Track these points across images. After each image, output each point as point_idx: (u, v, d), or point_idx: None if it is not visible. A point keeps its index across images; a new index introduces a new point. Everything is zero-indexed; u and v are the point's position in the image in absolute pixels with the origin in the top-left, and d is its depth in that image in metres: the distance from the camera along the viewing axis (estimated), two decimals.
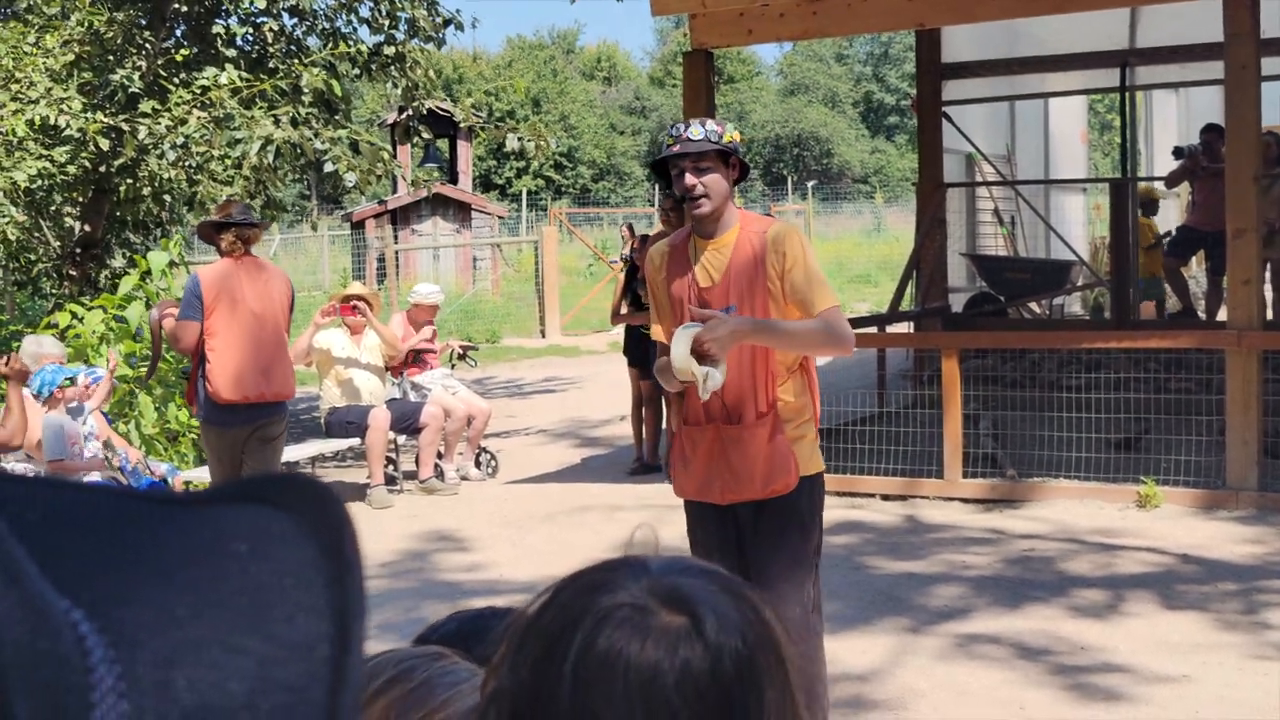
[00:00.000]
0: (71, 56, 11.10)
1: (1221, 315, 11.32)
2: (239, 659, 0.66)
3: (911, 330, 13.60)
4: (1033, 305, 15.51)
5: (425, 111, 13.48)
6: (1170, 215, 18.59)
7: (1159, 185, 15.99)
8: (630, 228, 24.54)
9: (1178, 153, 13.80)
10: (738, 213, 4.79)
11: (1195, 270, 16.74)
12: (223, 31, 11.81)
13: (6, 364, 8.13)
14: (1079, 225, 18.79)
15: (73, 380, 8.70)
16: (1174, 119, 19.19)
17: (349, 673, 0.69)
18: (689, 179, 4.60)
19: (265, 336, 7.84)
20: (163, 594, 0.66)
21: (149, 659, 0.65)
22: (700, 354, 4.32)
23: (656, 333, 4.91)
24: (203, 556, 0.69)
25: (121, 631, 0.65)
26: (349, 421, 10.65)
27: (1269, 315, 12.26)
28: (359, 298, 10.89)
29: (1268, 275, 12.19)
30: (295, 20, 12.53)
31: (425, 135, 13.74)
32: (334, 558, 0.72)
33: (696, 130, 4.59)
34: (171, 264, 11.42)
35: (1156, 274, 15.12)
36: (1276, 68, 12.71)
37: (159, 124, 10.64)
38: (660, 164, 4.74)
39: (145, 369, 10.79)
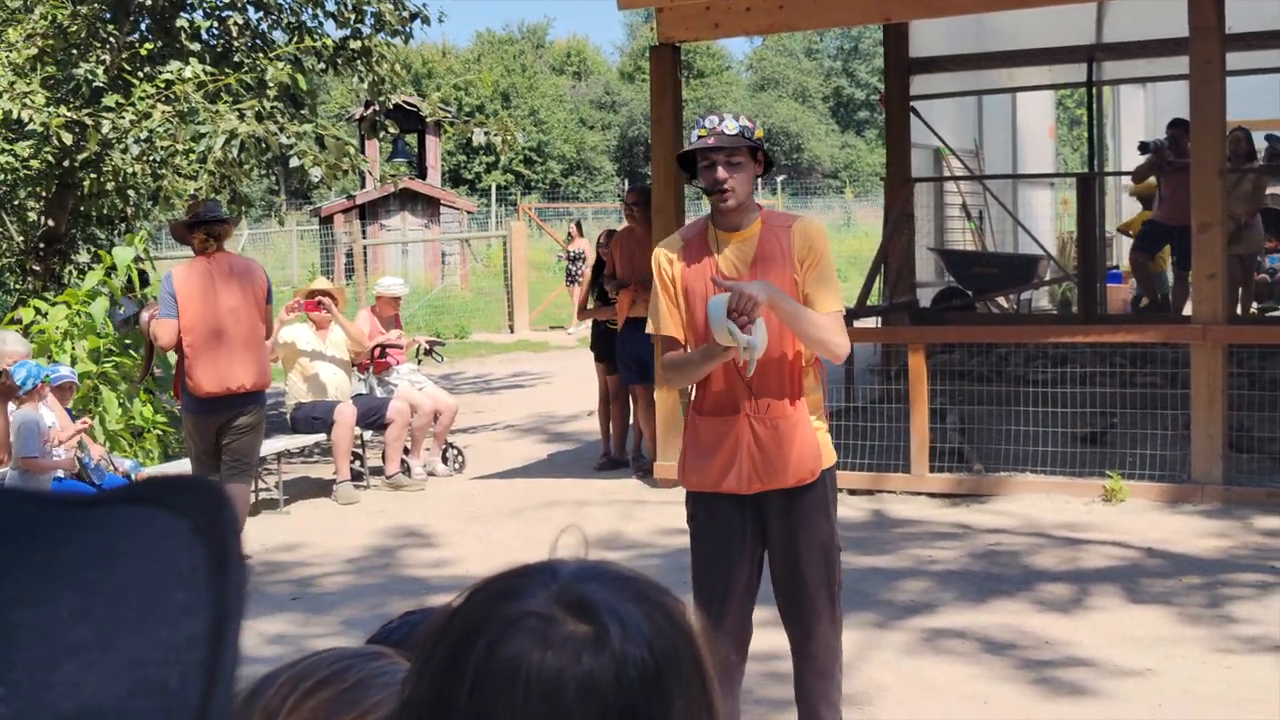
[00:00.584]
0: (35, 50, 11.00)
1: (1187, 310, 11.37)
2: (118, 662, 0.67)
3: (879, 325, 13.61)
4: (1000, 300, 15.55)
5: (392, 106, 13.43)
6: (1138, 210, 18.66)
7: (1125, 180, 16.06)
8: (578, 225, 24.49)
9: (1144, 148, 13.85)
10: (758, 205, 4.83)
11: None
12: (187, 25, 11.72)
13: None
14: (1047, 220, 18.87)
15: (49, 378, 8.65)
16: (1141, 114, 19.29)
17: (222, 674, 0.70)
18: (721, 172, 4.62)
19: (239, 330, 8.05)
20: (50, 596, 0.67)
21: (29, 662, 0.65)
22: (737, 325, 4.35)
23: (666, 327, 4.81)
24: (95, 559, 0.69)
25: (4, 634, 0.65)
26: (314, 417, 10.60)
27: (1235, 309, 12.33)
28: (324, 293, 10.85)
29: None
30: (260, 14, 12.46)
31: (392, 130, 13.70)
32: (217, 559, 0.72)
33: (731, 124, 4.62)
34: (136, 259, 11.35)
35: (1161, 270, 15.17)
36: (1243, 62, 12.78)
37: (123, 118, 10.56)
38: (686, 154, 4.76)
39: (111, 365, 10.73)
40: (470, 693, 1.04)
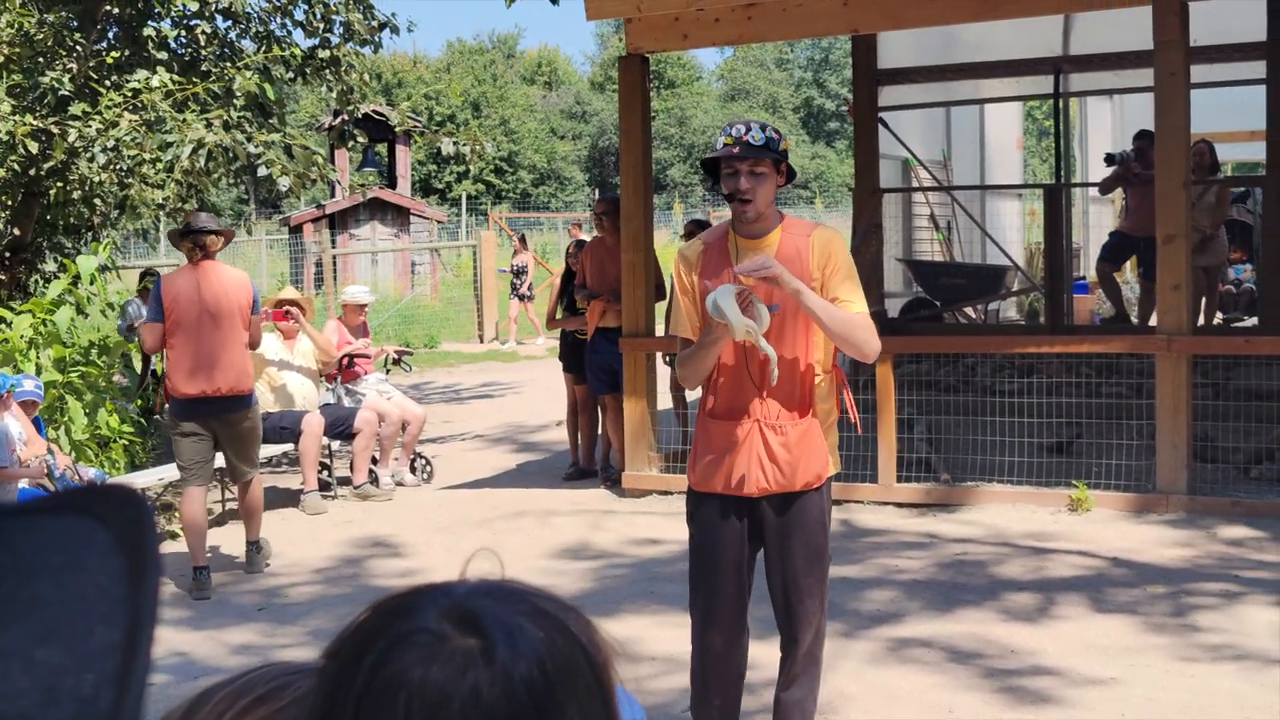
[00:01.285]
0: (0, 59, 10.96)
1: (1153, 320, 11.43)
2: (34, 671, 0.68)
3: None
4: (968, 310, 15.61)
5: (362, 116, 13.41)
6: (1105, 221, 18.79)
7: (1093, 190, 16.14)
8: (523, 239, 24.21)
9: (1109, 159, 13.92)
10: (779, 215, 4.86)
11: (1129, 275, 16.92)
12: (154, 34, 11.67)
13: None
14: (1014, 231, 18.95)
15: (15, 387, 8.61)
16: (1108, 125, 19.41)
17: (134, 682, 0.71)
18: (743, 182, 4.67)
19: (220, 335, 8.34)
20: None
21: None
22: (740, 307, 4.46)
23: (684, 329, 4.91)
24: (18, 568, 0.70)
25: None
26: (282, 427, 10.57)
27: (1199, 320, 12.41)
28: (291, 302, 10.82)
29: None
30: (229, 23, 12.42)
31: (362, 139, 13.66)
32: (134, 568, 0.73)
33: (758, 134, 4.67)
34: (103, 268, 11.29)
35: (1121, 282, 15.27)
36: (1208, 75, 12.87)
37: (89, 127, 10.51)
38: (710, 160, 4.80)
39: (77, 375, 10.67)
40: (356, 709, 1.03)
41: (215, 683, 1.32)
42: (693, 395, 9.17)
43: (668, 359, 10.46)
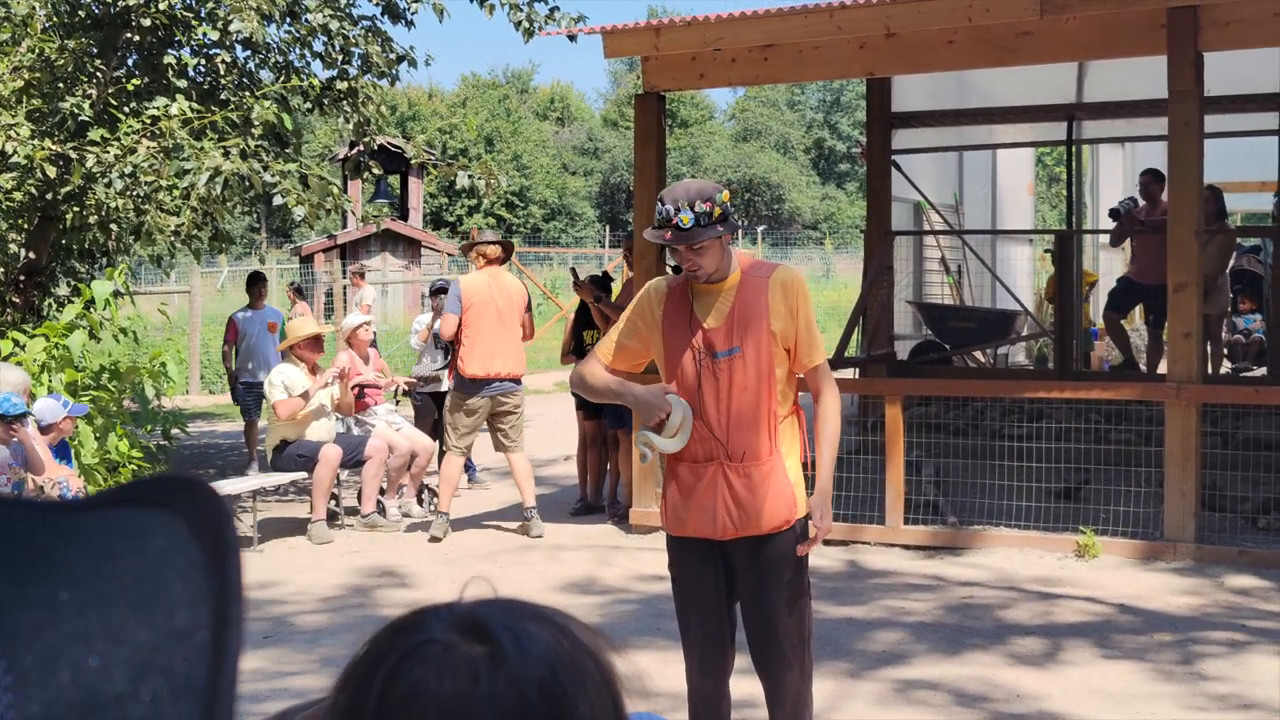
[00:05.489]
0: (21, 83, 11.02)
1: (1162, 368, 11.43)
2: (122, 649, 0.70)
3: (857, 376, 13.66)
4: (977, 354, 15.61)
5: (376, 147, 13.47)
6: (1115, 266, 18.81)
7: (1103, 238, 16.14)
8: (299, 290, 20.77)
9: (1113, 214, 13.91)
10: (736, 257, 4.84)
11: (1137, 322, 16.92)
12: (174, 62, 11.74)
13: None
14: (1025, 276, 18.96)
15: (21, 417, 8.58)
16: (1120, 172, 19.43)
17: (228, 654, 0.74)
18: (685, 259, 4.68)
19: (504, 331, 10.39)
20: (48, 593, 0.71)
21: (34, 653, 0.69)
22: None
23: (608, 353, 4.98)
24: (87, 557, 0.73)
25: (7, 628, 0.69)
26: (299, 455, 10.59)
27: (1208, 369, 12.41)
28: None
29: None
30: (248, 53, 12.49)
31: (376, 171, 13.73)
32: (213, 549, 0.77)
33: (686, 217, 4.58)
34: (116, 293, 11.34)
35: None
36: (1221, 125, 12.91)
37: (107, 153, 10.56)
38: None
39: (88, 398, 10.70)
40: None
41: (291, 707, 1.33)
42: None
43: None
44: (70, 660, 0.69)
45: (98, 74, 11.51)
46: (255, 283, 14.32)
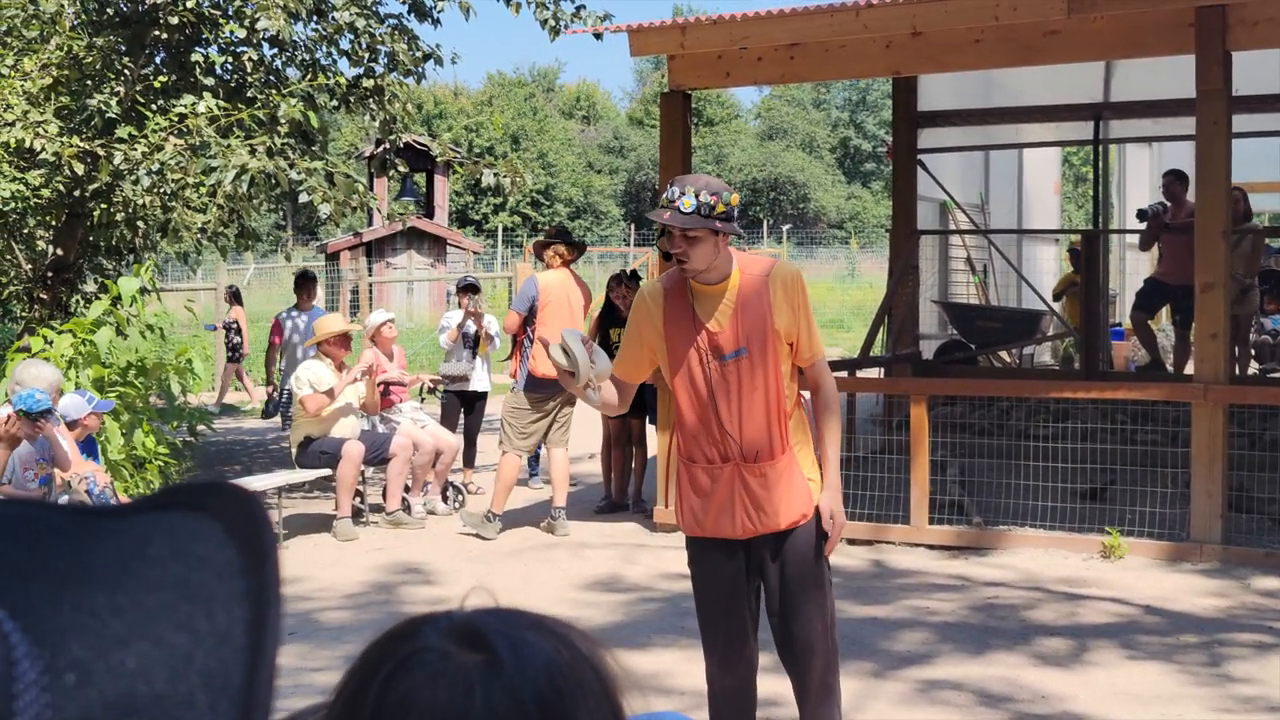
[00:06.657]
0: (49, 80, 11.07)
1: (1189, 369, 11.38)
2: (160, 651, 0.71)
3: (882, 375, 13.64)
4: (1003, 354, 15.58)
5: (403, 145, 13.49)
6: (1142, 267, 18.73)
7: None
8: (234, 293, 20.40)
9: (1141, 215, 13.86)
10: (733, 256, 4.83)
11: (1164, 323, 16.86)
12: (202, 60, 11.77)
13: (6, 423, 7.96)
14: (1051, 275, 18.92)
15: (46, 413, 8.59)
16: (1146, 172, 19.36)
17: (264, 656, 0.75)
18: (677, 245, 4.67)
19: (571, 324, 10.08)
20: (85, 596, 0.72)
21: (72, 654, 0.70)
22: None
23: (616, 366, 5.01)
24: (124, 561, 0.74)
25: (45, 630, 0.70)
26: (323, 451, 10.62)
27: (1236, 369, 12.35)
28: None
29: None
30: (275, 51, 12.52)
31: (402, 169, 13.75)
32: (249, 553, 0.77)
33: (688, 201, 4.59)
34: (143, 290, 11.38)
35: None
36: (1249, 124, 12.85)
37: (135, 150, 10.60)
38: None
39: (114, 394, 10.74)
40: None
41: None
42: None
43: None
44: (108, 662, 0.70)
45: (125, 71, 11.56)
46: (304, 282, 14.02)
